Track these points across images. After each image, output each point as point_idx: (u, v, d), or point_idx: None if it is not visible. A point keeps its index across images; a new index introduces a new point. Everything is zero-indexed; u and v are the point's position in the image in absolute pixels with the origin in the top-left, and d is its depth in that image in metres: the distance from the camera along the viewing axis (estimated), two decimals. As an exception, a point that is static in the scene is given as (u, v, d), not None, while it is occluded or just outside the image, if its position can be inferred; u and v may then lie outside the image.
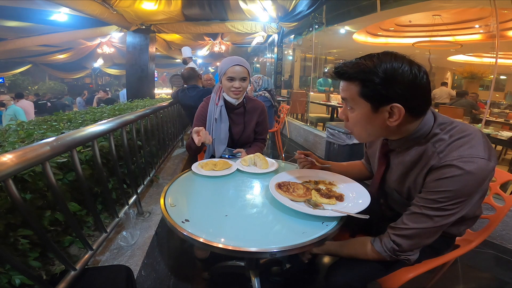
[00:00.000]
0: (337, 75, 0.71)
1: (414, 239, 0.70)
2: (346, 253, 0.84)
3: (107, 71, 14.06)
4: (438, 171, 0.65)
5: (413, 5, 4.07)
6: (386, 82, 0.63)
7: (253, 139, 1.60)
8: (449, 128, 0.69)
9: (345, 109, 0.75)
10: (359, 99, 0.68)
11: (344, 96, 0.71)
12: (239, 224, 0.77)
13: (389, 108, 0.65)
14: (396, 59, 0.63)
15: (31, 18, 5.44)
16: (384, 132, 0.73)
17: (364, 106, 0.68)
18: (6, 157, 0.59)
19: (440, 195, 0.64)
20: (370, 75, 0.63)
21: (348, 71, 0.67)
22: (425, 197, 0.67)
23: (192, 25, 5.26)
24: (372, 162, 0.98)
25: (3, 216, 0.73)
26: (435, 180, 0.65)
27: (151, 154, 1.84)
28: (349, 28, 5.78)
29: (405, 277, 0.85)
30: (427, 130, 0.70)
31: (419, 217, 0.68)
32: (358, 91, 0.67)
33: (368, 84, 0.64)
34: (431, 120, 0.70)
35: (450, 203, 0.64)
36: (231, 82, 1.36)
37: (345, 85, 0.70)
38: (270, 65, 7.60)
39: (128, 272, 0.82)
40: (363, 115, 0.69)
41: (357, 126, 0.73)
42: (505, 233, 1.76)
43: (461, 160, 0.61)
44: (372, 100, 0.66)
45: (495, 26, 2.49)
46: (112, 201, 1.17)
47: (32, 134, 1.04)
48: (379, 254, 0.75)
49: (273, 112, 3.38)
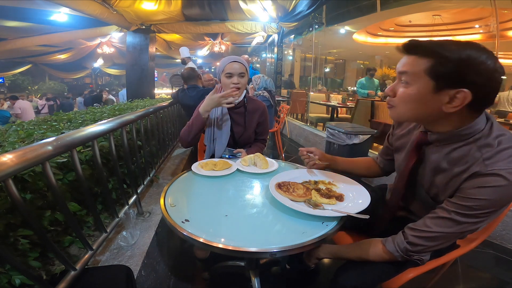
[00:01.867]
0: (408, 48, 0.67)
1: (435, 241, 0.69)
2: (355, 255, 0.82)
3: (107, 71, 14.07)
4: (481, 178, 0.62)
5: (413, 5, 4.08)
6: (466, 65, 0.60)
7: (253, 139, 1.60)
8: (499, 134, 0.65)
9: (397, 84, 0.71)
10: (423, 75, 0.64)
11: (404, 70, 0.67)
12: (239, 224, 0.77)
13: (454, 92, 0.61)
14: (483, 49, 0.61)
15: (31, 18, 5.45)
16: (431, 117, 0.69)
17: (425, 84, 0.64)
18: (6, 157, 0.59)
19: (477, 203, 0.62)
20: (453, 54, 0.60)
21: (425, 45, 0.64)
22: (459, 202, 0.64)
23: (192, 25, 5.26)
24: (396, 156, 0.93)
25: (3, 216, 0.73)
26: (476, 187, 0.62)
27: (151, 154, 1.84)
28: (349, 28, 5.79)
29: (405, 277, 0.85)
30: (477, 130, 0.66)
31: (446, 222, 0.66)
32: (428, 67, 0.63)
33: (445, 62, 0.61)
34: (483, 121, 0.67)
35: (484, 211, 0.62)
36: (229, 79, 1.38)
37: (412, 59, 0.66)
38: (270, 65, 7.60)
39: (128, 272, 0.82)
40: (420, 93, 0.65)
41: (405, 103, 0.69)
42: (505, 233, 1.76)
43: (509, 171, 0.59)
44: (440, 79, 0.62)
45: (495, 26, 2.49)
46: (112, 201, 1.17)
47: (32, 134, 1.04)
48: (391, 254, 0.74)
49: (273, 112, 3.38)
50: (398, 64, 0.70)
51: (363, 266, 0.79)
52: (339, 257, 0.87)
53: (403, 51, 0.68)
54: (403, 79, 0.68)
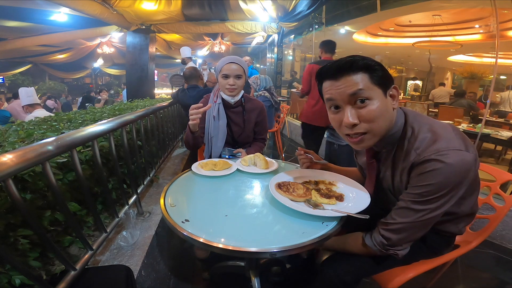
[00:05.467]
0: (341, 70, 0.68)
1: (402, 233, 0.71)
2: (340, 247, 0.86)
3: (107, 71, 14.05)
4: (419, 166, 0.66)
5: (413, 5, 4.07)
6: (381, 65, 0.68)
7: (252, 138, 1.60)
8: (420, 124, 0.71)
9: (351, 110, 0.68)
10: (373, 86, 0.67)
11: (359, 88, 0.66)
12: (239, 224, 0.77)
13: (391, 89, 0.69)
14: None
15: (31, 18, 5.44)
16: (390, 123, 0.72)
17: (379, 93, 0.68)
18: (6, 157, 0.59)
19: (424, 189, 0.65)
20: (372, 61, 0.68)
21: (353, 62, 0.67)
22: (411, 191, 0.69)
23: (192, 25, 5.26)
24: (364, 169, 0.97)
25: (3, 216, 0.73)
26: (418, 175, 0.67)
27: (151, 154, 1.84)
28: (349, 28, 5.79)
29: (404, 277, 0.85)
30: (401, 126, 0.73)
31: (405, 212, 0.70)
32: (370, 78, 0.67)
33: (375, 69, 0.67)
34: (402, 115, 0.74)
35: (435, 196, 0.65)
36: (226, 80, 1.38)
37: (352, 77, 0.67)
38: (270, 65, 7.60)
39: (128, 272, 0.82)
40: (383, 102, 0.68)
41: (377, 121, 0.68)
42: (505, 233, 1.76)
43: (439, 154, 0.63)
44: (382, 84, 0.68)
45: (495, 26, 2.49)
46: (112, 201, 1.17)
47: (32, 134, 1.04)
48: (370, 248, 0.77)
49: (273, 112, 3.37)
50: (338, 90, 0.69)
51: (348, 257, 0.83)
52: (326, 247, 0.90)
53: (334, 75, 0.70)
54: (360, 99, 0.67)
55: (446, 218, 0.79)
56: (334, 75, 0.70)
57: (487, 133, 2.97)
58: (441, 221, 0.79)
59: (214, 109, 1.45)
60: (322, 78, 0.75)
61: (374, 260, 0.83)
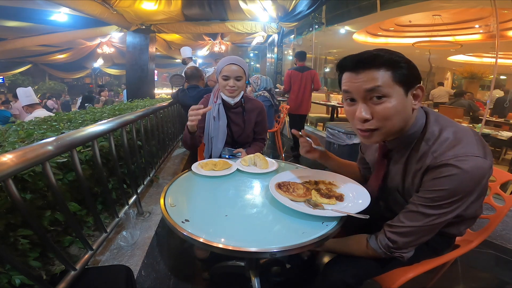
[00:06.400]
0: (364, 62, 0.65)
1: (409, 236, 0.71)
2: (342, 250, 0.85)
3: (107, 71, 14.05)
4: (434, 170, 0.65)
5: (413, 5, 4.07)
6: (409, 63, 0.65)
7: (252, 138, 1.60)
8: (441, 126, 0.69)
9: (366, 105, 0.67)
10: (393, 84, 0.64)
11: (377, 84, 0.63)
12: (239, 224, 0.77)
13: (416, 89, 0.67)
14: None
15: (31, 18, 5.44)
16: (406, 123, 0.70)
17: (399, 92, 0.64)
18: (6, 157, 0.59)
19: (437, 193, 0.64)
20: (399, 57, 0.65)
21: (376, 57, 0.64)
22: (423, 195, 0.67)
23: (192, 25, 5.26)
24: (371, 165, 0.97)
25: (3, 216, 0.73)
26: (432, 179, 0.65)
27: (151, 154, 1.84)
28: (349, 28, 5.78)
29: (405, 277, 0.85)
30: (421, 127, 0.71)
31: (415, 215, 0.69)
32: (392, 76, 0.63)
33: (400, 66, 0.63)
34: (423, 116, 0.72)
35: (447, 201, 0.64)
36: (226, 81, 1.37)
37: (372, 73, 0.64)
38: (270, 65, 7.59)
39: (128, 272, 0.82)
40: (401, 101, 0.65)
41: (391, 118, 0.66)
42: (505, 233, 1.76)
43: (457, 159, 0.61)
44: (405, 82, 0.64)
45: (495, 26, 2.49)
46: (112, 201, 1.17)
47: (32, 134, 1.04)
48: (374, 251, 0.76)
49: (273, 112, 3.37)
50: (355, 84, 0.66)
51: (351, 260, 0.82)
52: (328, 249, 0.89)
53: (354, 68, 0.66)
54: (376, 95, 0.65)
55: (451, 220, 0.79)
56: (354, 67, 0.66)
57: (487, 133, 2.97)
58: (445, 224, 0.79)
59: (214, 110, 1.45)
60: (342, 69, 0.71)
61: (378, 263, 0.81)
